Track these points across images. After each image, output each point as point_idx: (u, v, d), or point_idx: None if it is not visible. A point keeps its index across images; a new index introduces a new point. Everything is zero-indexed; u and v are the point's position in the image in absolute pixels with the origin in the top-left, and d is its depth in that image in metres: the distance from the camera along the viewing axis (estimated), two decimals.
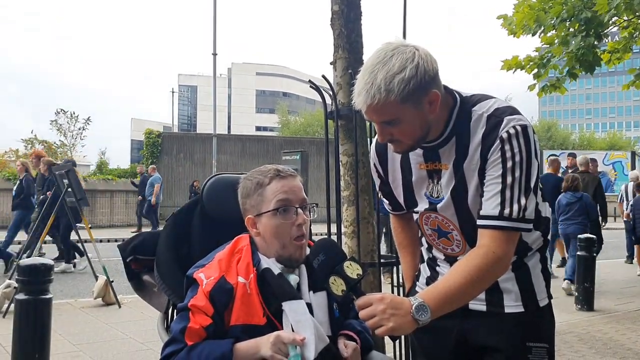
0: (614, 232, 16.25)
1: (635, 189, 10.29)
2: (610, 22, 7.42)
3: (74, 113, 23.54)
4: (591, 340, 5.40)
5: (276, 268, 1.77)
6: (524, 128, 1.58)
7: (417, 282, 1.97)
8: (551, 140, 48.95)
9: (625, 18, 7.72)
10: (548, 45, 8.11)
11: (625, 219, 10.86)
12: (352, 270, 1.58)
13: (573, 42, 7.36)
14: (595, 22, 7.11)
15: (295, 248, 1.79)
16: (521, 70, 8.22)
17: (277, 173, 1.83)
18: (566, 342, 5.28)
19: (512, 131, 1.57)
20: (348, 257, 1.64)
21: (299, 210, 1.81)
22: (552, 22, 7.47)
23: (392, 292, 3.44)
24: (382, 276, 3.86)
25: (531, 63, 8.10)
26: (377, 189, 1.99)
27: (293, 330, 1.68)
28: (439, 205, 1.73)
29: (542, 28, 7.68)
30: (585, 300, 6.86)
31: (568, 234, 7.95)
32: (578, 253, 7.03)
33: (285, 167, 1.89)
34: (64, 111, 23.47)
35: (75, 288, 8.32)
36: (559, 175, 9.47)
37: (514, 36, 8.00)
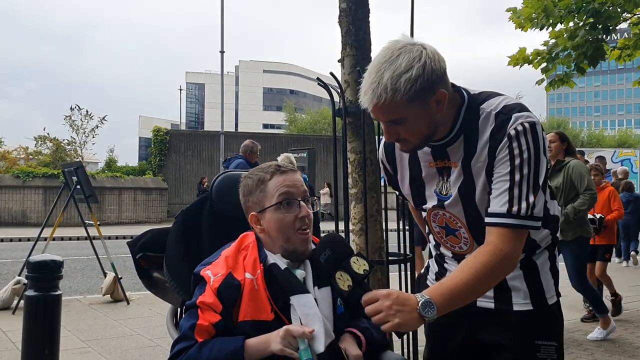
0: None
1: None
2: (621, 17, 7.35)
3: (88, 111, 23.56)
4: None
5: (282, 263, 1.77)
6: (532, 125, 1.57)
7: (427, 276, 1.97)
8: None
9: (638, 14, 7.66)
10: (556, 40, 8.06)
11: None
12: (359, 266, 1.58)
13: (580, 35, 7.31)
14: (603, 15, 7.06)
15: (300, 241, 1.79)
16: (528, 64, 8.18)
17: (277, 168, 1.84)
18: (575, 340, 5.26)
19: (520, 128, 1.56)
20: (355, 253, 1.64)
21: (302, 203, 1.81)
22: (560, 13, 7.41)
23: (400, 288, 3.45)
24: None
25: (539, 57, 8.06)
26: (387, 182, 1.99)
27: (301, 324, 1.68)
28: (446, 202, 1.72)
29: (550, 21, 7.64)
30: None
31: (630, 225, 10.76)
32: None
33: (285, 162, 1.90)
34: (79, 107, 23.50)
35: (84, 285, 8.37)
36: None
37: (521, 30, 7.97)
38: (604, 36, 7.37)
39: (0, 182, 19.12)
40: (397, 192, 1.98)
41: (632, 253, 10.85)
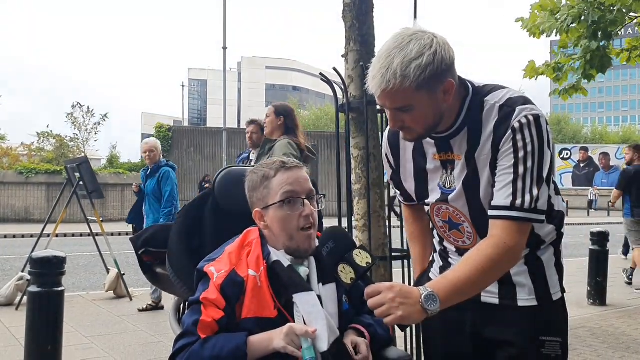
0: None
1: None
2: (626, 17, 7.32)
3: (89, 108, 23.75)
4: (604, 335, 5.37)
5: (286, 260, 1.76)
6: (537, 118, 1.56)
7: (431, 269, 1.96)
8: (562, 134, 48.60)
9: None
10: (562, 49, 8.09)
11: None
12: (362, 258, 1.57)
13: (582, 46, 7.34)
14: (603, 22, 7.05)
15: (304, 239, 1.78)
16: (540, 75, 8.19)
17: (282, 165, 1.82)
18: (579, 336, 5.25)
19: (524, 121, 1.55)
20: (357, 246, 1.62)
21: (306, 201, 1.80)
22: (562, 26, 7.44)
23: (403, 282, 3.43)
24: None
25: (549, 68, 8.08)
26: (389, 178, 1.97)
27: (305, 322, 1.68)
28: (450, 196, 1.71)
29: (554, 30, 7.67)
30: (598, 295, 6.83)
31: None
32: (590, 247, 7.02)
33: (291, 159, 1.88)
34: (80, 105, 23.68)
35: (87, 281, 8.39)
36: None
37: (534, 37, 7.99)
38: (607, 42, 7.36)
39: (4, 179, 19.17)
40: (398, 192, 1.97)
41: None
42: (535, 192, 1.56)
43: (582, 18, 7.06)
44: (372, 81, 1.54)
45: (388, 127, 1.74)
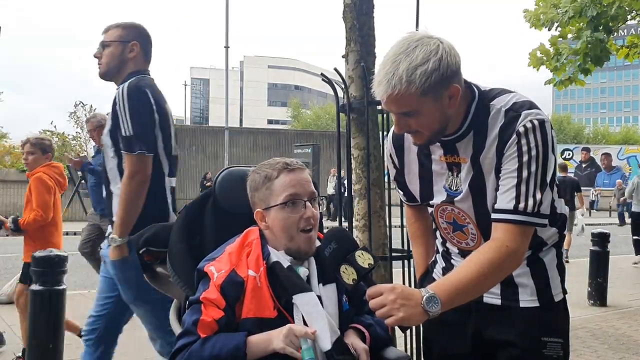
0: (627, 228, 16.10)
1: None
2: (628, 16, 7.36)
3: (92, 106, 23.86)
4: (604, 335, 5.37)
5: (285, 261, 1.77)
6: (542, 122, 1.57)
7: (434, 270, 1.97)
8: (563, 134, 48.55)
9: None
10: (561, 39, 8.13)
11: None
12: (364, 259, 1.58)
13: (582, 37, 7.38)
14: (603, 17, 7.11)
15: (304, 240, 1.79)
16: (542, 65, 8.23)
17: (285, 166, 1.82)
18: (579, 337, 5.25)
19: (529, 125, 1.56)
20: (360, 247, 1.63)
21: (307, 203, 1.80)
22: (563, 18, 7.49)
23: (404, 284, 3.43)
24: None
25: (549, 58, 8.11)
26: (392, 179, 1.98)
27: (305, 323, 1.68)
28: (456, 198, 1.72)
29: (555, 25, 7.72)
30: (598, 296, 6.83)
31: None
32: (591, 248, 7.01)
33: (294, 160, 1.88)
34: (82, 104, 23.78)
35: (89, 279, 8.38)
36: None
37: (535, 28, 8.02)
38: (607, 37, 7.40)
39: (6, 177, 19.20)
40: (401, 192, 1.97)
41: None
42: (538, 196, 1.57)
43: (582, 12, 7.12)
44: (377, 86, 1.55)
45: (392, 128, 1.74)
